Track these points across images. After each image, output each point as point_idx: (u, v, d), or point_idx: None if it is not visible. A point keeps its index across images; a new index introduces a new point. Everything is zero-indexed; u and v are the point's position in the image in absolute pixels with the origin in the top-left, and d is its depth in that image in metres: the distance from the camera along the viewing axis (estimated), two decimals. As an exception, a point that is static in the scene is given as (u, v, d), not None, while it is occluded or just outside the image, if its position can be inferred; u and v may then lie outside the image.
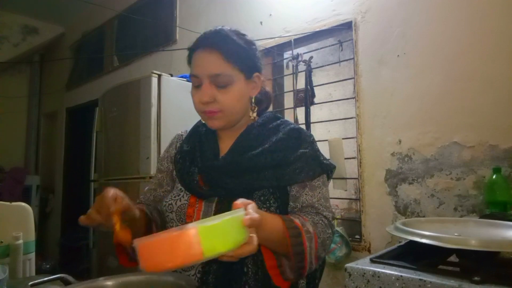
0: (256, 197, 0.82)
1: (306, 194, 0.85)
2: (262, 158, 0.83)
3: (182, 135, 1.03)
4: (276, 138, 0.87)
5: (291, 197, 0.86)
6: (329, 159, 0.91)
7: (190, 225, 0.53)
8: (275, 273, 0.77)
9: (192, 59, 0.88)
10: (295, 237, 0.72)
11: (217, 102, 0.84)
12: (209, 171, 0.86)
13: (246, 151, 0.85)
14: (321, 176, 0.88)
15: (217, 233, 0.54)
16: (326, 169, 0.89)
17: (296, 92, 2.39)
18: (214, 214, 0.83)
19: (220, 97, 0.84)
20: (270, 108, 1.07)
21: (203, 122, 0.95)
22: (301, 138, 0.89)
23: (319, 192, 0.86)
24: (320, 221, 0.81)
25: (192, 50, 0.88)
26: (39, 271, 2.42)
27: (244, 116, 0.92)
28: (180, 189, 0.90)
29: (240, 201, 0.63)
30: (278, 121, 0.93)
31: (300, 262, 0.73)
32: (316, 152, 0.89)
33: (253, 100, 0.92)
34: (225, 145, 0.91)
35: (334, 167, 0.92)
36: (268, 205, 0.82)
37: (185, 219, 0.86)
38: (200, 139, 0.95)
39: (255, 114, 0.93)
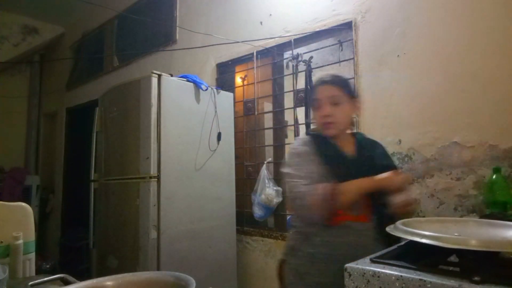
0: None
1: None
2: (379, 161, 1.28)
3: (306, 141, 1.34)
4: (379, 151, 1.34)
5: None
6: None
7: None
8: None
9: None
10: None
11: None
12: (348, 165, 1.25)
13: (368, 154, 1.29)
14: None
15: None
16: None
17: (296, 92, 2.39)
18: None
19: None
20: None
21: (313, 133, 1.35)
22: (386, 151, 1.38)
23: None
24: None
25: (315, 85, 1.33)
26: (39, 271, 2.42)
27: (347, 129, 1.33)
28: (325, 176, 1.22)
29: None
30: (368, 137, 1.40)
31: None
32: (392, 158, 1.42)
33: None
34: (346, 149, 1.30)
35: None
36: None
37: None
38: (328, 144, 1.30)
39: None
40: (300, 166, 1.25)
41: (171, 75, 2.18)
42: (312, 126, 2.16)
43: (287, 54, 2.48)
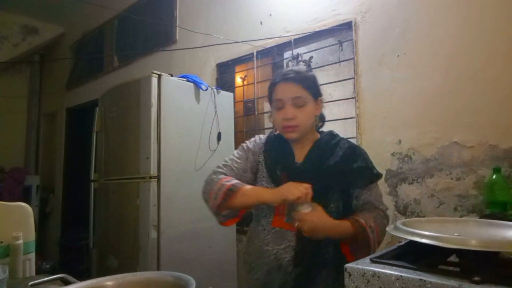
0: (330, 196, 1.10)
1: (365, 194, 1.13)
2: (336, 168, 1.11)
3: (262, 139, 1.28)
4: (342, 153, 1.13)
5: (354, 197, 1.13)
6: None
7: None
8: (348, 254, 1.08)
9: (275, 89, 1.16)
10: (362, 233, 1.03)
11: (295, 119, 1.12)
12: (291, 171, 1.13)
13: (318, 160, 1.13)
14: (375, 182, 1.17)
15: None
16: (377, 178, 1.16)
17: (296, 92, 2.38)
18: None
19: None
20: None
21: (276, 133, 1.24)
22: (357, 153, 1.15)
23: (374, 192, 1.15)
24: (378, 215, 1.10)
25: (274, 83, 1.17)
26: (39, 271, 2.42)
27: (311, 131, 1.19)
28: (266, 180, 1.16)
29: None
30: (337, 138, 1.20)
31: (367, 248, 1.05)
32: (369, 164, 1.16)
33: (317, 118, 1.19)
34: (298, 153, 1.18)
35: (381, 175, 1.18)
36: (337, 203, 1.10)
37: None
38: (279, 146, 1.21)
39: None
40: (236, 158, 1.22)
41: (171, 75, 2.18)
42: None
43: (287, 54, 2.48)
